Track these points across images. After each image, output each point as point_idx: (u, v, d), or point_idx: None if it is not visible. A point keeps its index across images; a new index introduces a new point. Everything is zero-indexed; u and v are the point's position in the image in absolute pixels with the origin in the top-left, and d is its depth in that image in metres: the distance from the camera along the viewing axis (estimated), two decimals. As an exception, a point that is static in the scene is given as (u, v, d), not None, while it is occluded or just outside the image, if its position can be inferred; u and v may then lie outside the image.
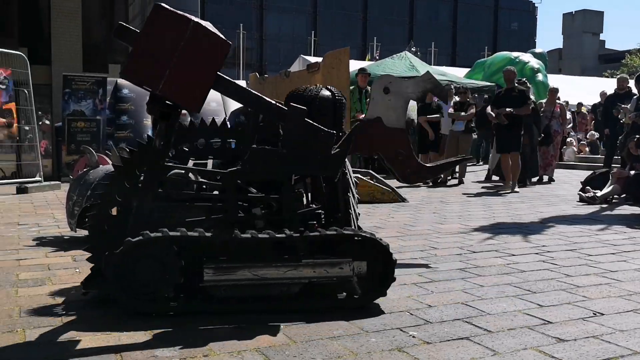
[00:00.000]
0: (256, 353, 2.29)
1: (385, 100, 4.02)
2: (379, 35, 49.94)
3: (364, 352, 2.31)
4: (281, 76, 11.58)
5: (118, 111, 12.65)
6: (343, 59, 9.54)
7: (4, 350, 2.29)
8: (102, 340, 2.40)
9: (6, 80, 9.21)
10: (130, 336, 2.45)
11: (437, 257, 4.11)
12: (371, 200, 7.30)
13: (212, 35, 2.70)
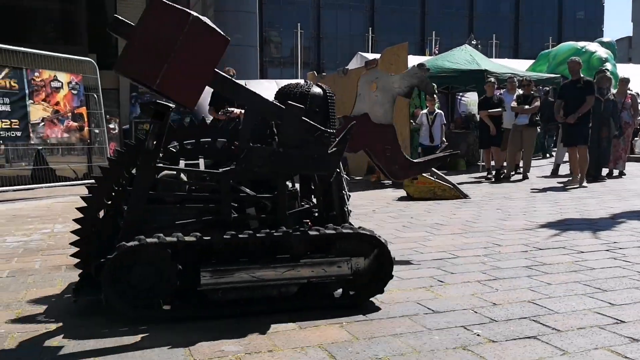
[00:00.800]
0: (319, 349, 2.32)
1: (372, 96, 3.98)
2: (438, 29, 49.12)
3: (427, 350, 2.29)
4: (339, 74, 11.58)
5: (182, 112, 13.02)
6: (401, 55, 9.46)
7: (78, 343, 2.40)
8: (170, 337, 2.48)
9: (77, 86, 9.64)
10: (198, 332, 2.52)
11: (501, 255, 4.02)
12: (432, 197, 7.22)
13: (212, 31, 2.62)
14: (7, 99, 8.44)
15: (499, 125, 9.98)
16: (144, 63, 2.56)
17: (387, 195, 7.92)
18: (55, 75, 9.25)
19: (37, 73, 8.98)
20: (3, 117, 8.37)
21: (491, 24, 56.57)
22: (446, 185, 7.36)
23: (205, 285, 2.66)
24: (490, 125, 9.91)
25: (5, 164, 11.98)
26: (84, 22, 16.40)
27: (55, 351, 2.33)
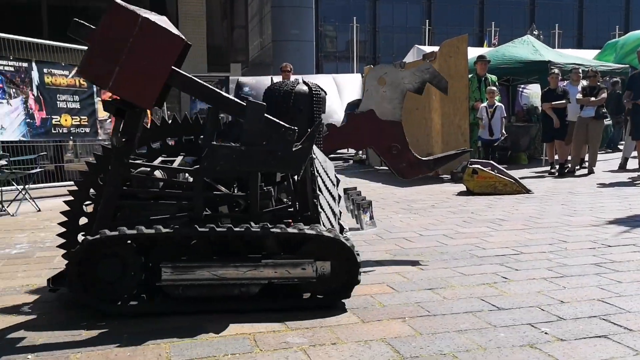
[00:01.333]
0: (382, 343, 2.32)
1: (379, 92, 3.83)
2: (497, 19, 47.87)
3: (493, 347, 2.26)
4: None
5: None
6: (461, 47, 9.29)
7: (150, 332, 2.50)
8: (237, 327, 2.54)
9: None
10: (264, 323, 2.57)
11: (568, 252, 3.90)
12: (493, 191, 7.07)
13: (161, 31, 2.64)
14: (77, 96, 8.80)
15: (563, 118, 9.65)
16: (98, 66, 2.63)
17: (446, 190, 7.81)
18: (121, 73, 9.57)
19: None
20: (73, 114, 8.75)
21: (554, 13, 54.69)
22: (507, 179, 7.20)
23: (165, 281, 2.65)
24: (554, 118, 9.60)
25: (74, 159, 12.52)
26: (147, 20, 16.84)
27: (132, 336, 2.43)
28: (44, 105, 8.32)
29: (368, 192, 5.81)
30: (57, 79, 8.53)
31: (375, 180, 9.52)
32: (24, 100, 8.06)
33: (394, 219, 5.45)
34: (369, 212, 5.00)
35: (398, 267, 3.58)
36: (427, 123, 10.13)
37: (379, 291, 3.05)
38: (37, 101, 8.22)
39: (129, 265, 2.70)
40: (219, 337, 2.42)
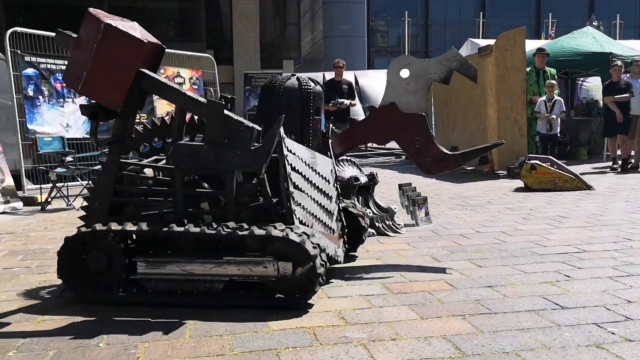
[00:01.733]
0: (443, 340, 2.31)
1: (403, 84, 3.62)
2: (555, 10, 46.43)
3: (557, 347, 2.22)
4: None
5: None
6: (518, 40, 9.07)
7: (213, 324, 2.56)
8: (297, 321, 2.57)
9: (198, 81, 10.17)
10: (323, 318, 2.60)
11: (634, 250, 3.77)
12: (552, 188, 6.89)
13: (124, 36, 2.78)
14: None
15: (626, 112, 9.30)
16: (73, 71, 2.86)
17: (503, 185, 7.66)
18: (178, 71, 9.81)
19: (162, 70, 9.57)
20: (133, 112, 9.01)
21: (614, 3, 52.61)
22: (568, 175, 6.99)
23: (139, 275, 2.78)
24: (617, 111, 9.26)
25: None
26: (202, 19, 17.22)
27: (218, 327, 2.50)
28: (106, 103, 8.61)
29: (422, 188, 5.76)
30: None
31: (429, 176, 9.40)
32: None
33: (450, 215, 5.38)
34: (424, 208, 4.97)
35: (455, 263, 3.54)
36: (482, 118, 9.94)
37: (437, 288, 3.03)
38: (99, 100, 8.51)
39: (113, 257, 2.86)
40: (279, 330, 2.46)
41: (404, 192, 4.98)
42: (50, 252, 4.19)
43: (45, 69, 7.91)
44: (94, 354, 2.25)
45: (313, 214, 3.02)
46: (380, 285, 3.09)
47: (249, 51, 16.75)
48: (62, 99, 8.05)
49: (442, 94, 11.70)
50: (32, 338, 2.43)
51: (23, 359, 2.21)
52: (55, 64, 8.03)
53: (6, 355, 2.25)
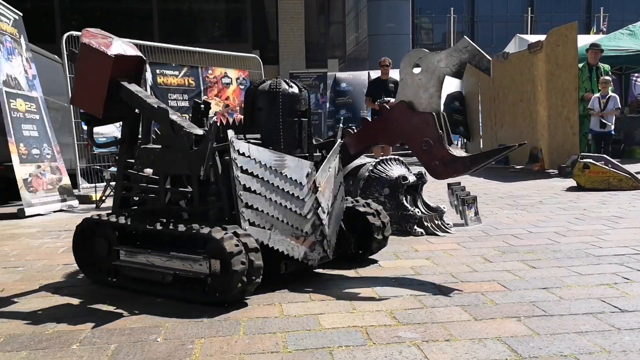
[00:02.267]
0: (498, 342, 2.28)
1: (415, 80, 3.34)
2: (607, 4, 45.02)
3: (618, 350, 2.16)
4: (499, 58, 11.12)
5: (337, 105, 13.35)
6: (570, 35, 8.84)
7: (266, 320, 2.60)
8: (349, 319, 2.58)
9: (244, 81, 10.30)
10: (374, 316, 2.60)
11: (697, 252, 3.63)
12: (606, 187, 6.70)
13: (95, 52, 3.18)
14: (186, 95, 9.27)
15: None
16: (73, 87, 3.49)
17: (554, 185, 7.48)
18: (225, 72, 9.97)
19: (210, 71, 9.75)
20: (183, 112, 9.21)
21: (671, -5, 50.64)
22: (622, 174, 6.78)
23: (120, 261, 3.15)
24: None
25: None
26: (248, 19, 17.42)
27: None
28: (157, 104, 8.83)
29: (470, 187, 5.68)
30: (168, 78, 9.03)
31: (477, 175, 9.28)
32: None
33: (500, 215, 5.30)
34: (473, 208, 4.91)
35: (508, 264, 3.49)
36: (532, 115, 9.75)
37: (489, 289, 2.99)
38: (150, 100, 8.74)
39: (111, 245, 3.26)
40: (332, 328, 2.47)
41: (453, 191, 4.93)
42: (106, 248, 4.33)
43: (99, 71, 8.15)
44: (153, 348, 2.31)
45: (272, 216, 2.99)
46: (431, 286, 3.07)
47: (294, 50, 16.86)
48: (115, 100, 8.29)
49: (490, 90, 11.52)
50: (93, 331, 2.51)
51: (86, 352, 2.29)
52: (108, 66, 8.27)
53: (70, 348, 2.34)
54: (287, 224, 3.04)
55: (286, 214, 3.05)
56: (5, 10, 6.83)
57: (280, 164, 3.08)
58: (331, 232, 3.29)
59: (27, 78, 7.01)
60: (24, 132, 6.55)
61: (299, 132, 3.38)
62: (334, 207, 3.34)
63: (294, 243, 3.05)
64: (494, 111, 11.40)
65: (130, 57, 3.36)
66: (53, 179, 6.84)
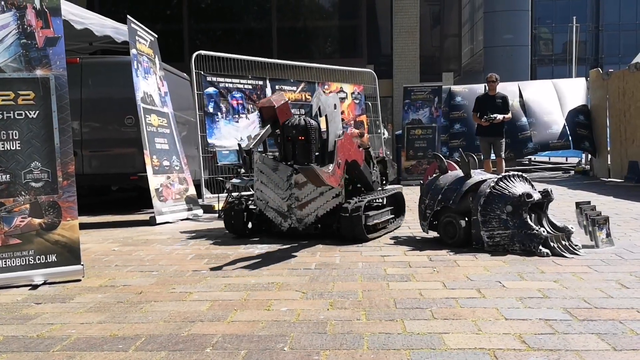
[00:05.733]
0: (642, 375, 2.12)
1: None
2: None
3: None
4: (630, 70, 10.40)
5: (452, 119, 13.10)
6: None
7: (389, 336, 2.60)
8: (474, 341, 2.52)
9: (359, 95, 10.41)
10: (501, 339, 2.51)
11: None
12: None
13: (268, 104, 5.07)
14: (303, 110, 9.52)
15: None
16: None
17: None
18: (341, 87, 10.13)
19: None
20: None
21: None
22: None
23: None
24: None
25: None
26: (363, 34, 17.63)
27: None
28: (276, 118, 9.16)
29: (599, 207, 5.34)
30: (286, 94, 9.33)
31: (605, 193, 8.72)
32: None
33: (634, 237, 4.93)
34: (605, 229, 4.60)
35: (647, 291, 3.23)
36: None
37: (628, 317, 2.78)
38: (269, 115, 9.08)
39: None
40: (457, 349, 2.42)
41: (582, 210, 4.66)
42: (230, 257, 4.54)
43: (224, 88, 8.60)
44: (281, 356, 2.38)
45: (268, 196, 5.27)
46: (562, 310, 2.91)
47: (408, 64, 16.79)
48: (237, 115, 8.69)
49: (620, 103, 10.80)
50: (224, 336, 2.64)
51: (219, 356, 2.41)
52: (232, 83, 8.71)
53: (204, 351, 2.47)
54: (274, 203, 5.23)
55: (274, 198, 5.21)
56: (143, 33, 7.42)
57: (275, 168, 5.15)
58: (305, 213, 5.17)
59: (160, 95, 7.55)
60: (157, 145, 7.05)
61: (293, 149, 5.10)
62: (317, 199, 5.16)
63: (276, 215, 5.26)
64: (625, 126, 10.66)
65: (285, 103, 5.06)
66: (181, 189, 7.29)
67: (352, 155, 5.28)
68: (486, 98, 9.63)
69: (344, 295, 3.30)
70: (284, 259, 4.44)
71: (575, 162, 15.22)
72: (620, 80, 10.85)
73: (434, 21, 19.87)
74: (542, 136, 12.74)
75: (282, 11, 18.30)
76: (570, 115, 12.69)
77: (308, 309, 3.04)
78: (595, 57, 52.94)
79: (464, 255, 4.37)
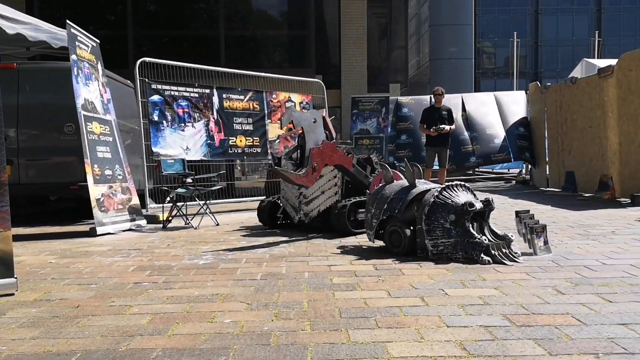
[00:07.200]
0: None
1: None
2: (681, 27, 43.21)
3: None
4: (566, 83, 10.83)
5: (399, 130, 13.30)
6: (644, 60, 8.52)
7: (333, 346, 2.59)
8: (416, 349, 2.54)
9: (308, 105, 10.44)
10: (443, 347, 2.54)
11: None
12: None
13: None
14: (251, 119, 9.47)
15: None
16: None
17: (627, 214, 7.17)
18: (289, 96, 10.13)
19: (274, 95, 9.93)
20: (247, 135, 9.42)
21: None
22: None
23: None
24: None
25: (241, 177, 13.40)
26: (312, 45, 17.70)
27: (313, 351, 2.53)
28: (223, 127, 9.07)
29: (538, 215, 5.52)
30: (234, 103, 9.27)
31: (543, 202, 9.02)
32: (206, 123, 8.86)
33: (570, 245, 5.11)
34: (542, 237, 4.75)
35: (582, 297, 3.35)
36: (602, 142, 9.41)
37: (563, 322, 2.87)
38: (216, 124, 8.98)
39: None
40: (400, 357, 2.43)
41: (521, 219, 4.79)
42: (174, 269, 4.44)
43: (169, 96, 8.46)
44: (222, 369, 2.33)
45: (286, 194, 6.72)
46: (501, 317, 2.98)
47: (356, 75, 16.98)
48: (183, 124, 8.56)
49: (557, 116, 11.22)
50: (165, 350, 2.57)
51: (158, 370, 2.34)
52: (178, 91, 8.57)
53: (143, 365, 2.39)
54: (289, 200, 6.60)
55: (291, 196, 6.58)
56: (84, 38, 7.22)
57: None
58: (310, 209, 6.41)
59: (103, 102, 7.35)
60: (98, 154, 6.85)
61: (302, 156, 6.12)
62: (319, 197, 6.37)
63: (292, 209, 6.61)
64: (562, 137, 11.08)
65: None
66: (123, 199, 7.10)
67: (335, 161, 5.99)
68: (433, 110, 10.23)
69: (289, 306, 3.28)
70: (229, 269, 4.38)
71: (516, 172, 15.71)
72: (557, 94, 11.29)
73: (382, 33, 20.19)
74: (484, 150, 13.09)
75: (230, 19, 18.19)
76: (512, 128, 13.11)
77: (252, 320, 3.00)
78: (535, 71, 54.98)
79: (409, 263, 4.42)
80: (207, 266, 4.53)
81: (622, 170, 8.83)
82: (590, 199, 9.29)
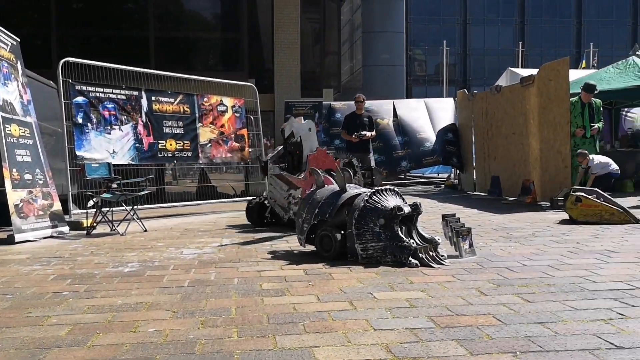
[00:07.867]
0: (495, 378, 2.25)
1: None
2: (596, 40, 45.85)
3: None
4: (492, 92, 11.25)
5: (332, 135, 13.41)
6: (562, 70, 8.96)
7: (260, 353, 2.56)
8: (343, 353, 2.55)
9: (240, 109, 10.35)
10: (369, 350, 2.57)
11: (691, 288, 3.63)
12: (598, 221, 6.72)
13: None
14: (181, 122, 9.28)
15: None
16: None
17: (546, 217, 7.51)
18: (221, 100, 10.01)
19: (205, 98, 9.79)
20: (177, 139, 9.22)
21: (659, 32, 51.73)
22: (615, 208, 6.81)
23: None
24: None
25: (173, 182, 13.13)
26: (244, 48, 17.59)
27: (239, 359, 2.49)
28: (152, 130, 8.84)
29: (463, 219, 5.69)
30: (163, 105, 9.06)
31: (470, 206, 9.31)
32: (134, 126, 8.61)
33: (494, 247, 5.30)
34: (468, 240, 4.89)
35: (503, 297, 3.47)
36: (525, 148, 9.82)
37: (485, 322, 2.96)
38: (145, 127, 8.75)
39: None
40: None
41: (447, 222, 4.92)
42: (97, 277, 4.28)
43: (94, 97, 8.17)
44: (144, 380, 2.26)
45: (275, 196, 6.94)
46: (427, 318, 3.04)
47: (289, 79, 17.00)
48: (109, 126, 8.28)
49: (483, 122, 11.62)
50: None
51: (75, 384, 2.24)
52: (103, 93, 8.29)
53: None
54: (279, 201, 6.82)
55: (279, 197, 6.81)
56: (3, 36, 6.87)
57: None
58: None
59: (22, 103, 7.01)
60: (17, 157, 6.53)
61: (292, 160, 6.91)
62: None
63: (280, 209, 6.87)
64: (487, 143, 11.49)
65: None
66: (44, 205, 6.79)
67: (326, 165, 6.57)
68: (354, 116, 10.49)
69: (217, 313, 3.22)
70: (155, 277, 4.26)
71: (446, 177, 16.17)
72: (483, 101, 11.70)
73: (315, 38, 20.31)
74: (416, 153, 13.41)
75: (162, 20, 17.81)
76: (440, 133, 13.48)
77: (177, 329, 2.93)
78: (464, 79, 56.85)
79: (339, 268, 4.45)
80: (132, 274, 4.39)
81: (542, 175, 9.25)
82: (513, 202, 9.67)
